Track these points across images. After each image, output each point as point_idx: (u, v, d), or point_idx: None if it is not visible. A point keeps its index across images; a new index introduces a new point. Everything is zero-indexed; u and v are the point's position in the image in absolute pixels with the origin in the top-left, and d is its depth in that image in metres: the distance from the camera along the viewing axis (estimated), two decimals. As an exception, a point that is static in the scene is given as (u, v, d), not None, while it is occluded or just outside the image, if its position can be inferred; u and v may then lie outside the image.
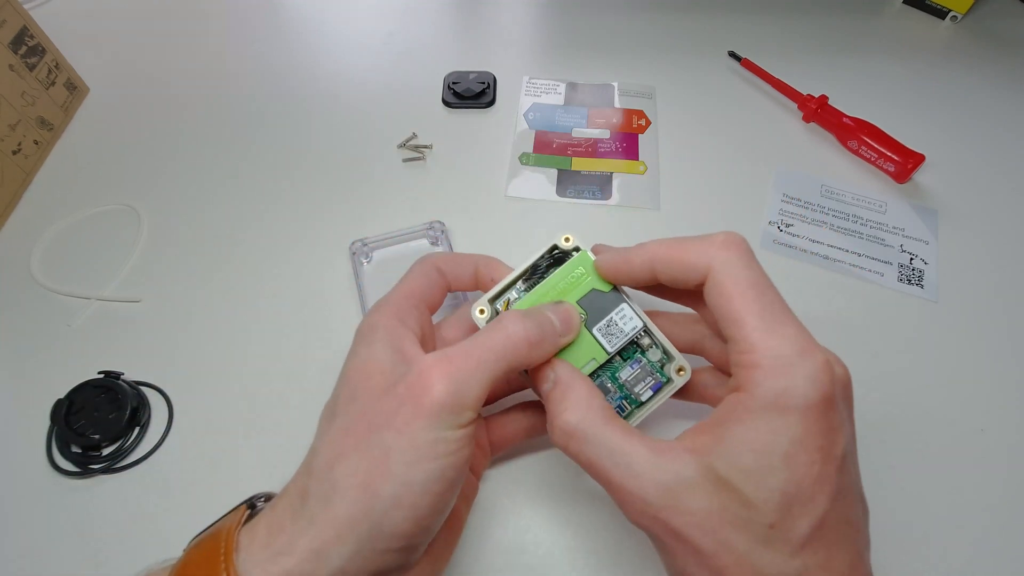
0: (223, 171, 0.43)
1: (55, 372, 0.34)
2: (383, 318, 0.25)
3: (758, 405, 0.20)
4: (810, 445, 0.19)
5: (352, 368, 0.23)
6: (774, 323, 0.21)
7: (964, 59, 0.51)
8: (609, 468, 0.21)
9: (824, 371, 0.20)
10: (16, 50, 0.40)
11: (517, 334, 0.23)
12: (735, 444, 0.20)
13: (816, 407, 0.19)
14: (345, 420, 0.22)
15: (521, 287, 0.27)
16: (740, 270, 0.21)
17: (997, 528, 0.30)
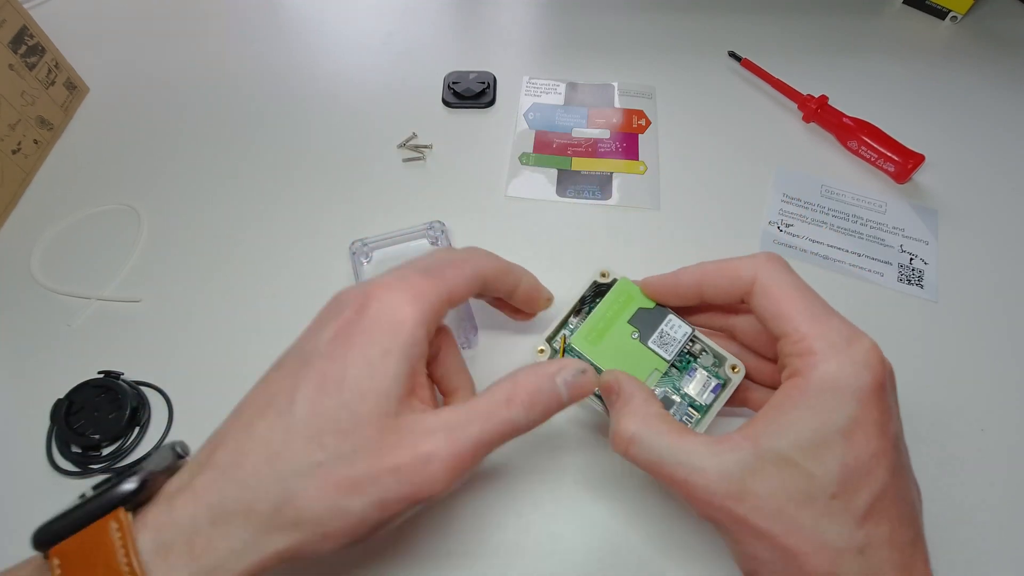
0: (223, 171, 0.43)
1: (55, 372, 0.34)
2: (412, 318, 0.22)
3: (814, 387, 0.21)
4: (866, 421, 0.21)
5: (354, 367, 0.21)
6: (822, 316, 0.23)
7: (964, 59, 0.51)
8: (671, 467, 0.22)
9: (874, 355, 0.22)
10: (16, 50, 0.40)
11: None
12: (794, 423, 0.21)
13: (869, 387, 0.21)
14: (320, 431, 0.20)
15: (573, 320, 0.30)
16: (784, 275, 0.24)
17: (997, 528, 0.30)
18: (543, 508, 0.30)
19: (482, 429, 0.21)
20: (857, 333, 0.22)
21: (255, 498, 0.20)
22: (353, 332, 0.22)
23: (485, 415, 0.22)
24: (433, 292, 0.23)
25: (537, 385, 0.23)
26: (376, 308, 0.22)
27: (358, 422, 0.20)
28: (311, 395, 0.21)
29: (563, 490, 0.31)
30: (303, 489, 0.20)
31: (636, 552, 0.29)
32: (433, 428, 0.21)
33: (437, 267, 0.24)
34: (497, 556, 0.29)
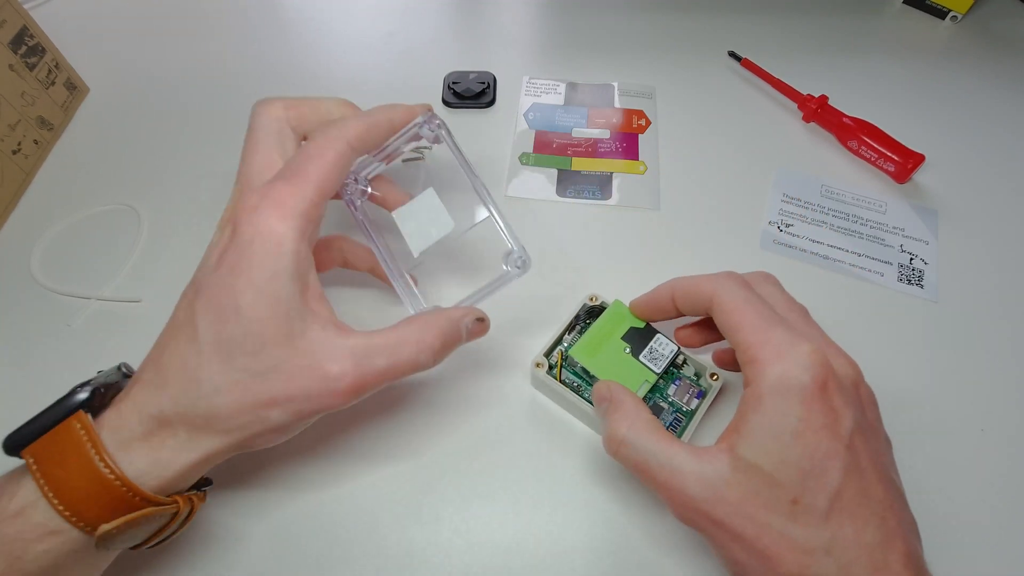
0: (223, 171, 0.43)
1: (55, 372, 0.34)
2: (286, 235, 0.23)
3: (764, 392, 0.22)
4: (814, 423, 0.22)
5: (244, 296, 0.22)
6: (765, 326, 0.24)
7: (964, 59, 0.51)
8: (655, 469, 0.24)
9: (812, 357, 0.22)
10: (16, 50, 0.40)
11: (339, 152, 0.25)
12: (754, 429, 0.22)
13: (811, 388, 0.22)
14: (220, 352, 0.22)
15: (567, 337, 0.33)
16: (737, 291, 0.25)
17: (997, 528, 0.30)
18: (543, 508, 0.30)
19: (388, 363, 0.24)
20: (798, 338, 0.23)
21: (186, 411, 0.22)
22: (234, 259, 0.23)
23: (393, 350, 0.24)
24: (300, 199, 0.24)
25: (447, 331, 0.26)
26: (249, 232, 0.23)
27: (264, 343, 0.22)
28: (212, 323, 0.22)
29: (563, 490, 0.31)
30: (225, 404, 0.22)
31: (637, 552, 0.29)
32: (341, 351, 0.23)
33: (298, 168, 0.25)
34: (497, 556, 0.29)
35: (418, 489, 0.30)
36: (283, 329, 0.23)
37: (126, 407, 0.23)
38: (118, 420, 0.22)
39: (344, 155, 0.25)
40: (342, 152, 0.25)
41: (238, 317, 0.22)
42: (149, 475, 0.22)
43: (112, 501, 0.21)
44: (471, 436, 0.32)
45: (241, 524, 0.29)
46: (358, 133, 0.26)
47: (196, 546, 0.29)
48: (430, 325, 0.26)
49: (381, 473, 0.31)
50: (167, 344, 0.24)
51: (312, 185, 0.24)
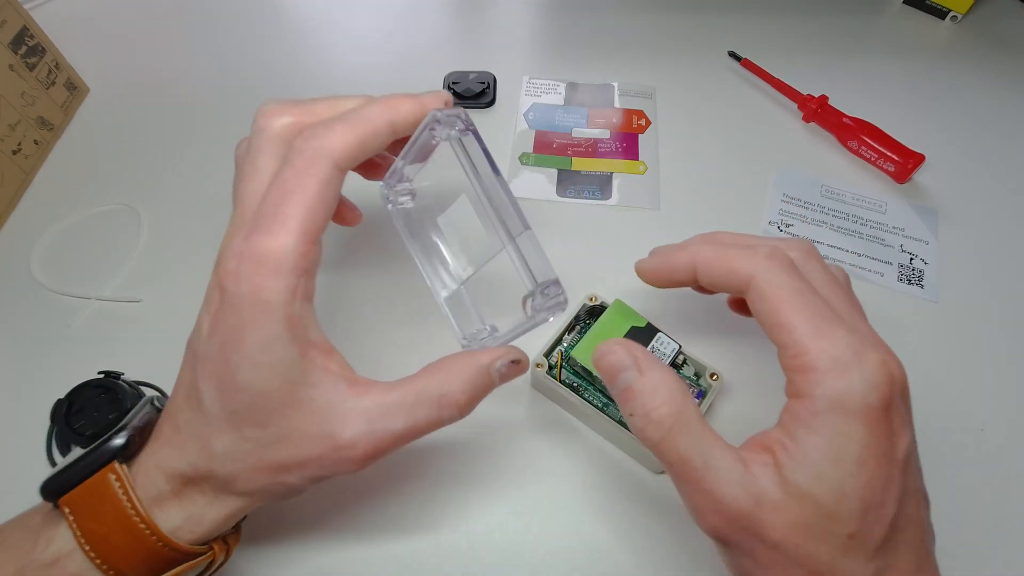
0: (223, 171, 0.43)
1: (55, 372, 0.34)
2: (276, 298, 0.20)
3: (822, 409, 0.19)
4: (876, 449, 0.19)
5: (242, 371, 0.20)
6: (825, 327, 0.20)
7: (964, 59, 0.51)
8: (700, 470, 0.20)
9: (881, 372, 0.19)
10: (16, 50, 0.40)
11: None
12: (809, 453, 0.20)
13: (877, 410, 0.19)
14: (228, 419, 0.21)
15: (567, 337, 0.32)
16: (783, 277, 0.21)
17: (997, 528, 0.30)
18: (542, 508, 0.30)
19: (406, 425, 0.21)
20: (863, 347, 0.20)
21: (207, 473, 0.21)
22: (225, 331, 0.20)
23: (412, 409, 0.22)
24: (283, 253, 0.20)
25: (475, 380, 0.22)
26: (234, 300, 0.20)
27: (270, 414, 0.21)
28: (215, 395, 0.21)
29: (563, 490, 0.31)
30: (240, 471, 0.21)
31: (637, 552, 0.29)
32: (353, 415, 0.21)
33: (276, 210, 0.20)
34: (497, 556, 0.29)
35: (418, 489, 0.30)
36: (287, 397, 0.21)
37: (152, 466, 0.22)
38: (146, 479, 0.22)
39: (330, 180, 0.21)
40: (326, 178, 0.21)
41: (238, 391, 0.20)
42: (184, 528, 0.22)
43: (149, 555, 0.21)
44: (471, 436, 0.32)
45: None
46: (346, 148, 0.22)
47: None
48: (454, 375, 0.22)
49: (381, 474, 0.31)
50: (180, 407, 0.22)
51: (294, 232, 0.20)
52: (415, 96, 0.23)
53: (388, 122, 0.23)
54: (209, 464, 0.21)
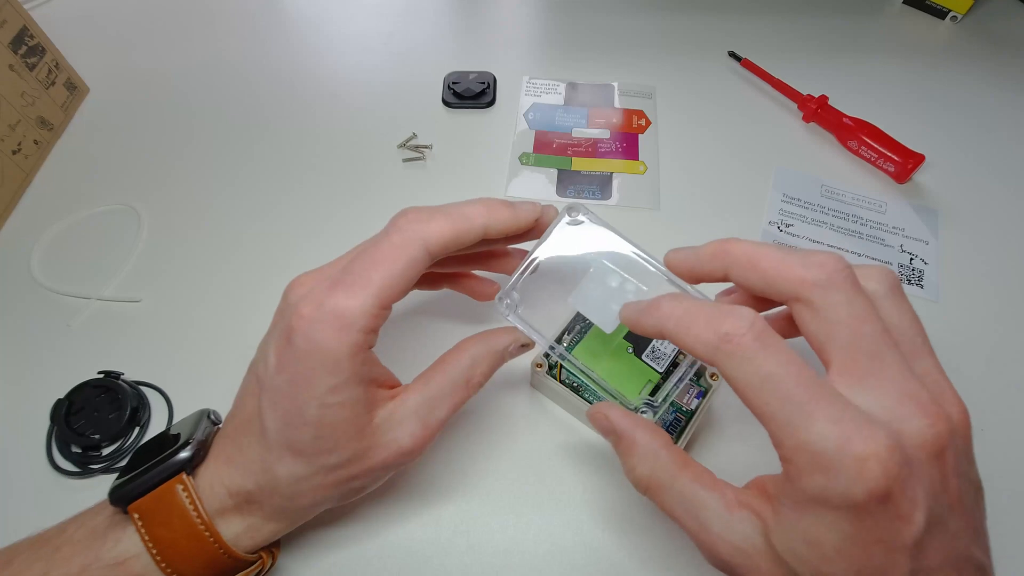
0: (223, 171, 0.43)
1: (55, 372, 0.34)
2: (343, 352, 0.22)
3: (802, 499, 0.18)
4: (865, 540, 0.17)
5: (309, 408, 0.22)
6: (802, 418, 0.18)
7: (964, 59, 0.51)
8: (683, 519, 0.21)
9: (867, 468, 0.17)
10: (16, 50, 0.40)
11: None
12: (788, 528, 0.19)
13: (864, 505, 0.17)
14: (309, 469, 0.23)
15: (566, 337, 0.31)
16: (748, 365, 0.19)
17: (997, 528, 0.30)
18: (542, 508, 0.30)
19: (448, 411, 0.25)
20: (851, 436, 0.17)
21: (270, 494, 0.23)
22: (293, 369, 0.22)
23: (448, 395, 0.25)
24: (359, 313, 0.21)
25: (492, 363, 0.26)
26: (304, 345, 0.21)
27: (337, 442, 0.23)
28: (279, 427, 0.22)
29: (563, 490, 0.31)
30: (302, 493, 0.23)
31: (637, 552, 0.29)
32: (409, 420, 0.24)
33: (363, 272, 0.22)
34: (497, 556, 0.29)
35: (419, 489, 0.30)
36: (353, 428, 0.23)
37: (215, 481, 0.24)
38: (211, 492, 0.23)
39: (417, 263, 0.23)
40: (416, 260, 0.23)
41: (305, 424, 0.22)
42: (243, 537, 0.23)
43: (209, 561, 0.23)
44: (471, 436, 0.32)
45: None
46: (441, 237, 0.23)
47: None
48: (477, 359, 0.26)
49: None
50: (242, 430, 0.24)
51: (374, 296, 0.22)
52: (511, 206, 0.26)
53: (483, 225, 0.24)
54: (274, 485, 0.23)
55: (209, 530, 0.22)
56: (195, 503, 0.22)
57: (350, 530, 0.29)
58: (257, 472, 0.23)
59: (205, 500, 0.23)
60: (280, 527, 0.24)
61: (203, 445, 0.24)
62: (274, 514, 0.24)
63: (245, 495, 0.23)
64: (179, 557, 0.22)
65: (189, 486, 0.23)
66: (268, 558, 0.25)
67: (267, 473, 0.23)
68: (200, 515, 0.22)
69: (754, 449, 0.32)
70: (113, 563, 0.22)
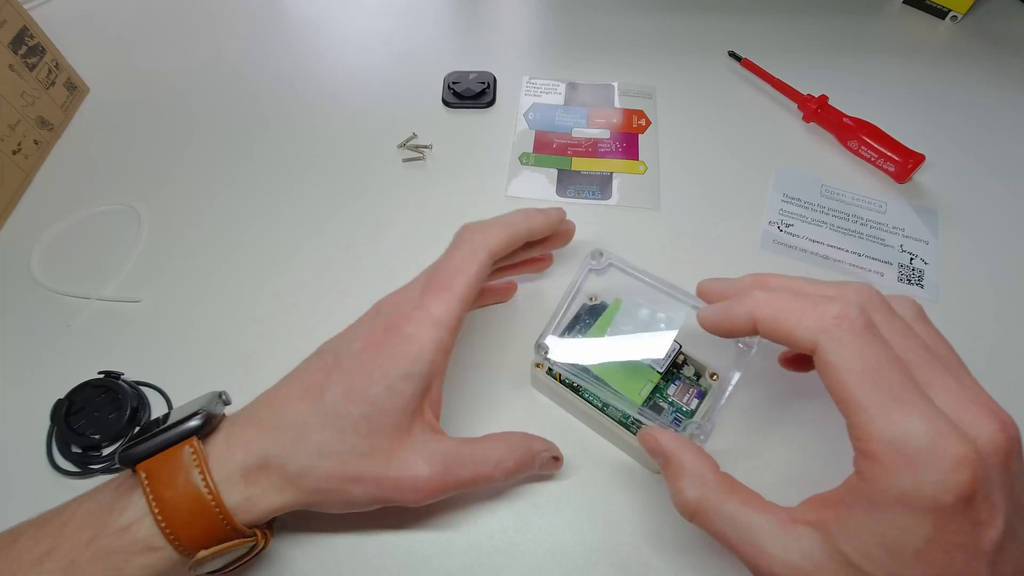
0: (223, 171, 0.43)
1: (55, 372, 0.34)
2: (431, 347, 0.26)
3: (882, 499, 0.18)
4: (948, 543, 0.18)
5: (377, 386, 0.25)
6: (896, 411, 0.18)
7: (964, 59, 0.51)
8: (736, 543, 0.21)
9: (958, 470, 0.17)
10: (16, 50, 0.40)
11: None
12: (862, 531, 0.19)
13: (950, 508, 0.17)
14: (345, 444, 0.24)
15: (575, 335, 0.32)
16: (853, 349, 0.19)
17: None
18: (543, 508, 0.30)
19: (469, 476, 0.26)
20: (942, 438, 0.17)
21: (287, 461, 0.24)
22: (379, 351, 0.25)
23: (477, 465, 0.26)
24: (447, 313, 0.26)
25: (523, 460, 0.28)
26: (400, 334, 0.25)
27: (375, 430, 0.24)
28: (339, 397, 0.25)
29: (563, 490, 0.31)
30: (320, 468, 0.24)
31: (637, 552, 0.29)
32: (436, 456, 0.25)
33: (447, 281, 0.27)
34: (497, 556, 0.29)
35: (418, 489, 0.30)
36: (396, 422, 0.25)
37: (235, 442, 0.24)
38: (226, 452, 0.24)
39: (485, 266, 0.27)
40: (484, 264, 0.27)
41: (363, 401, 0.24)
42: (240, 508, 0.24)
43: (208, 527, 0.23)
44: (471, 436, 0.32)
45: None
46: (500, 243, 0.28)
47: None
48: (514, 449, 0.27)
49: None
50: (290, 395, 0.26)
51: (458, 300, 0.26)
52: (542, 211, 0.31)
53: (528, 228, 0.29)
54: (295, 454, 0.24)
55: (213, 494, 0.23)
56: (202, 465, 0.23)
57: (350, 530, 0.29)
58: (289, 435, 0.24)
59: (214, 465, 0.23)
60: (279, 502, 0.24)
61: (212, 417, 0.25)
62: (280, 485, 0.24)
63: (261, 458, 0.24)
64: (180, 520, 0.22)
65: (198, 449, 0.23)
66: (262, 537, 0.25)
67: (300, 438, 0.24)
68: (206, 477, 0.23)
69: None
70: (119, 529, 0.22)
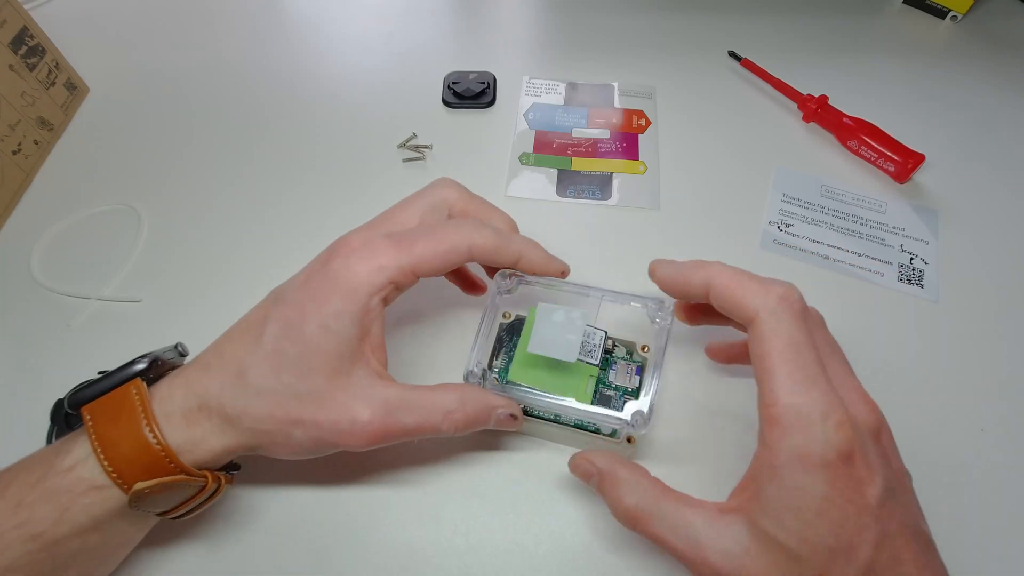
0: (223, 171, 0.43)
1: (55, 372, 0.34)
2: (366, 287, 0.25)
3: (781, 463, 0.21)
4: (838, 499, 0.20)
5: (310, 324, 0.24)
6: (802, 383, 0.21)
7: (964, 59, 0.51)
8: (675, 542, 0.22)
9: (839, 430, 0.20)
10: (16, 50, 0.40)
11: None
12: (772, 502, 0.21)
13: (835, 464, 0.20)
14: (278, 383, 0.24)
15: (496, 363, 0.31)
16: (787, 326, 0.22)
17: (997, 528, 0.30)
18: (542, 508, 0.30)
19: (414, 423, 0.25)
20: (830, 406, 0.21)
21: (225, 401, 0.24)
22: (315, 286, 0.25)
23: (423, 412, 0.26)
24: (394, 263, 0.25)
25: (477, 415, 0.27)
26: (337, 267, 0.25)
27: (311, 369, 0.24)
28: (276, 335, 0.25)
29: (562, 490, 0.31)
30: (257, 408, 0.24)
31: (636, 552, 0.29)
32: (377, 400, 0.25)
33: (410, 237, 0.26)
34: (497, 556, 0.29)
35: (419, 489, 0.30)
36: (332, 363, 0.24)
37: (177, 383, 0.25)
38: (168, 392, 0.24)
39: (459, 254, 0.26)
40: (459, 251, 0.26)
41: (299, 339, 0.24)
42: (182, 449, 0.24)
43: (151, 465, 0.23)
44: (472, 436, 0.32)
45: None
46: (484, 247, 0.27)
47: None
48: (466, 402, 0.26)
49: (383, 473, 0.31)
50: (234, 337, 0.26)
51: (412, 258, 0.25)
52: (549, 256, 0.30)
53: (519, 252, 0.28)
54: (233, 394, 0.24)
55: (154, 432, 0.23)
56: (144, 402, 0.23)
57: (351, 530, 0.29)
58: (229, 374, 0.24)
59: (157, 404, 0.24)
60: (223, 443, 0.24)
61: (159, 361, 0.25)
62: (221, 426, 0.24)
63: (201, 398, 0.24)
64: (122, 458, 0.23)
65: (141, 390, 0.24)
66: (213, 481, 0.25)
67: (238, 377, 0.24)
68: (147, 414, 0.23)
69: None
70: (66, 469, 0.23)
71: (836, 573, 0.20)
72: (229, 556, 0.29)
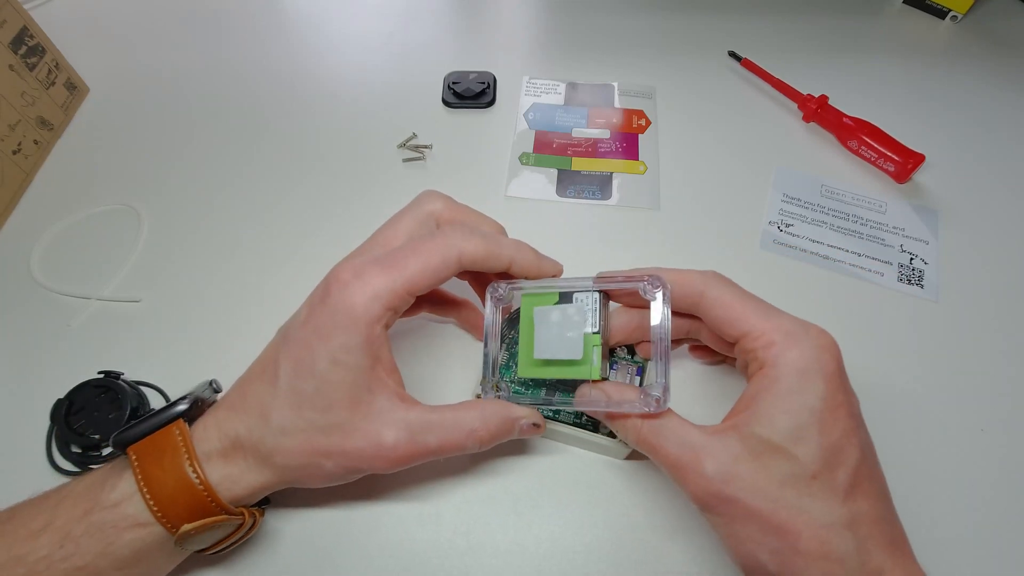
0: (223, 171, 0.43)
1: (55, 372, 0.34)
2: (366, 317, 0.25)
3: (783, 373, 0.23)
4: (834, 403, 0.22)
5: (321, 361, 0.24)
6: (772, 314, 0.24)
7: (964, 59, 0.51)
8: (671, 448, 0.24)
9: (825, 337, 0.23)
10: (16, 50, 0.40)
11: None
12: (771, 410, 0.23)
13: (833, 371, 0.23)
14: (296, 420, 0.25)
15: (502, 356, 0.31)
16: (731, 287, 0.26)
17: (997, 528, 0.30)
18: (543, 508, 0.30)
19: (439, 442, 0.26)
20: (807, 323, 0.24)
21: (256, 441, 0.25)
22: (318, 323, 0.25)
23: (446, 432, 0.26)
24: (388, 288, 0.25)
25: (500, 429, 0.27)
26: (334, 301, 0.25)
27: (331, 403, 0.25)
28: (290, 374, 0.25)
29: (563, 490, 0.31)
30: (286, 446, 0.25)
31: (636, 552, 0.29)
32: (400, 423, 0.25)
33: (399, 257, 0.26)
34: (497, 556, 0.29)
35: (420, 489, 0.31)
36: (350, 394, 0.25)
37: (211, 423, 0.25)
38: (203, 433, 0.25)
39: (449, 265, 0.26)
40: (449, 262, 0.26)
41: (313, 376, 0.24)
42: (221, 487, 0.24)
43: (193, 504, 0.24)
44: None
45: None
46: (474, 254, 0.26)
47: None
48: (489, 418, 0.27)
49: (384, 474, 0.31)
50: (252, 379, 0.26)
51: (404, 279, 0.25)
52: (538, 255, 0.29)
53: (510, 258, 0.27)
54: (261, 433, 0.25)
55: (197, 472, 0.24)
56: (187, 443, 0.24)
57: (351, 531, 0.29)
58: (254, 416, 0.25)
59: (197, 443, 0.25)
60: (260, 481, 0.25)
61: (199, 401, 0.26)
62: (256, 464, 0.25)
63: (234, 439, 0.25)
64: (167, 497, 0.23)
65: (183, 430, 0.25)
66: (249, 516, 0.25)
67: (262, 418, 0.25)
68: (191, 455, 0.24)
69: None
70: (111, 504, 0.23)
71: (828, 473, 0.22)
72: (229, 556, 0.29)
